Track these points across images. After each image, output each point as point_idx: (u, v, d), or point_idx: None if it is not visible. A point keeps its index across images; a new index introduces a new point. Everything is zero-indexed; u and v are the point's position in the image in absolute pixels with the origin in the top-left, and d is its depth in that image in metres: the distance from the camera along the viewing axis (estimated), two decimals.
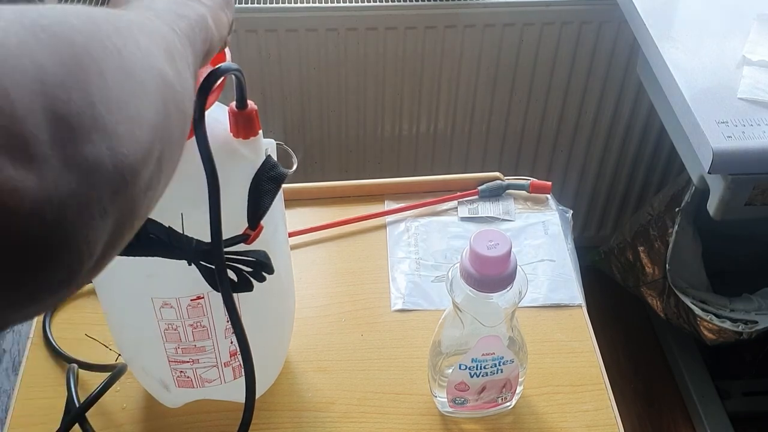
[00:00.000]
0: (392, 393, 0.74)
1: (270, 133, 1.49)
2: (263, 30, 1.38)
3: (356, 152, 1.60)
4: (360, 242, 0.89)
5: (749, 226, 1.52)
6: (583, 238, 1.82)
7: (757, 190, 1.04)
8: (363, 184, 0.94)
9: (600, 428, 0.71)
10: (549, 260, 0.87)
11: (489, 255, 0.60)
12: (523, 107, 1.56)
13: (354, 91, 1.49)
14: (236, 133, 0.58)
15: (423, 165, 1.63)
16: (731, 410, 1.61)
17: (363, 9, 1.38)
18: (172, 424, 0.72)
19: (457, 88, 1.51)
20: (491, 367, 0.67)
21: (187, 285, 0.60)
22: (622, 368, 1.75)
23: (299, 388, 0.75)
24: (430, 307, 0.82)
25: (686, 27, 1.19)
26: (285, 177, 0.59)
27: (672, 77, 1.09)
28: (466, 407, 0.71)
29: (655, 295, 1.54)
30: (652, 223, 1.52)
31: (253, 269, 0.58)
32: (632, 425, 1.65)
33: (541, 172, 1.68)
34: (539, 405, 0.73)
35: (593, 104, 1.56)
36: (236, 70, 0.52)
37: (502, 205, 0.93)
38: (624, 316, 1.84)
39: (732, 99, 1.05)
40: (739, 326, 1.43)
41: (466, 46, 1.44)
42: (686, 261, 1.51)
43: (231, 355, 0.68)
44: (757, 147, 0.98)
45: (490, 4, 1.40)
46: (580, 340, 0.79)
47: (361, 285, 0.84)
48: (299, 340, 0.78)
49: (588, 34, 1.45)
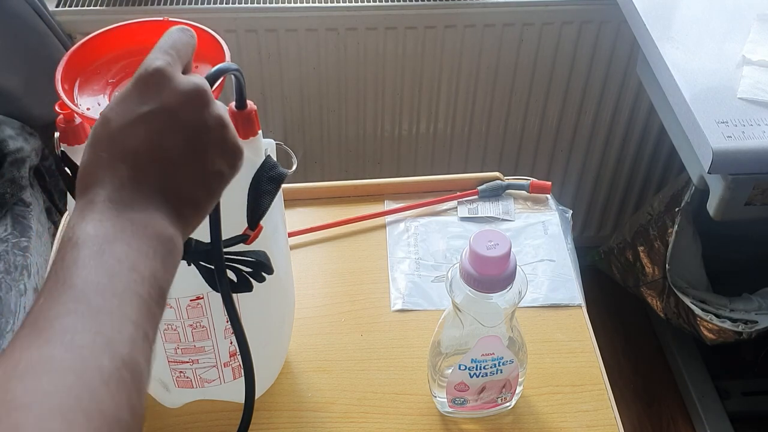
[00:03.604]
0: (392, 393, 0.74)
1: (270, 133, 1.49)
2: (263, 30, 1.38)
3: (356, 152, 1.60)
4: (360, 242, 0.89)
5: (749, 226, 1.52)
6: (583, 238, 1.82)
7: (757, 190, 1.04)
8: (363, 184, 0.94)
9: (600, 428, 0.71)
10: (549, 260, 0.87)
11: (489, 255, 0.60)
12: (523, 107, 1.56)
13: (354, 91, 1.49)
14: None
15: (423, 165, 1.63)
16: (731, 410, 1.61)
17: (363, 9, 1.38)
18: (172, 424, 0.72)
19: (457, 88, 1.51)
20: (491, 368, 0.67)
21: (187, 285, 0.60)
22: (622, 368, 1.75)
23: (299, 388, 0.75)
24: (430, 307, 0.82)
25: (686, 27, 1.19)
26: (285, 177, 0.59)
27: (672, 77, 1.09)
28: (466, 407, 0.71)
29: (655, 295, 1.54)
30: (652, 223, 1.52)
31: (253, 269, 0.58)
32: (632, 425, 1.65)
33: (541, 172, 1.67)
34: (539, 405, 0.73)
35: (593, 104, 1.56)
36: (236, 70, 0.52)
37: (502, 205, 0.93)
38: (624, 316, 1.83)
39: (732, 99, 1.05)
40: (739, 326, 1.42)
41: (466, 46, 1.44)
42: (686, 261, 1.51)
43: (231, 356, 0.68)
44: (757, 147, 0.98)
45: (490, 4, 1.40)
46: (580, 340, 0.79)
47: (360, 285, 0.84)
48: (299, 340, 0.78)
49: (588, 34, 1.45)
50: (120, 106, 0.43)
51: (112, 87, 0.56)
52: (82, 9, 1.33)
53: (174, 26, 0.48)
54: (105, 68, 0.57)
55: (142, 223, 0.41)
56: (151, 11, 1.34)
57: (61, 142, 0.56)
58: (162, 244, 0.41)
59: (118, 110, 0.43)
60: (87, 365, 0.34)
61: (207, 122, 0.44)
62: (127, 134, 0.42)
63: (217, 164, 0.45)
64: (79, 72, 0.56)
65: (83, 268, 0.37)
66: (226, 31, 1.35)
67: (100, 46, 0.57)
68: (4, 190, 0.87)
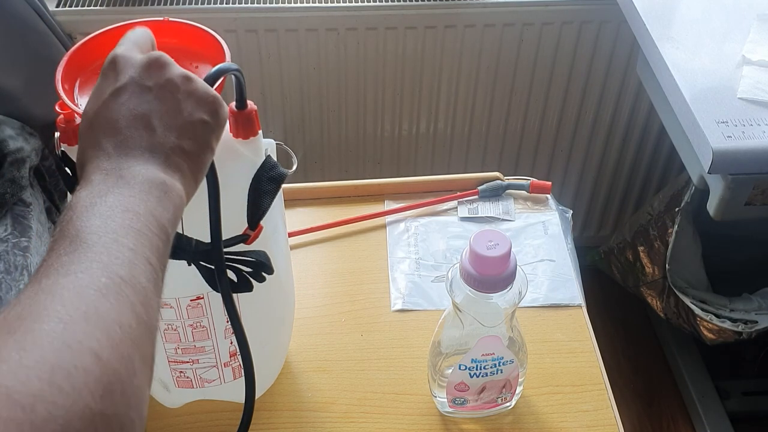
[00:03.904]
0: (392, 393, 0.74)
1: (270, 133, 1.49)
2: (263, 30, 1.38)
3: (356, 152, 1.60)
4: (360, 242, 0.89)
5: (749, 226, 1.52)
6: (583, 238, 1.82)
7: (757, 190, 1.04)
8: (363, 184, 0.94)
9: (600, 428, 0.71)
10: (549, 260, 0.87)
11: (489, 255, 0.60)
12: (523, 107, 1.56)
13: (354, 91, 1.49)
14: (236, 133, 0.58)
15: (423, 165, 1.63)
16: (731, 410, 1.61)
17: (363, 9, 1.38)
18: (172, 424, 0.72)
19: (457, 88, 1.51)
20: (491, 368, 0.66)
21: (187, 285, 0.60)
22: (622, 368, 1.75)
23: (299, 388, 0.75)
24: (430, 307, 0.82)
25: (686, 27, 1.19)
26: (285, 177, 0.59)
27: (672, 77, 1.09)
28: (466, 407, 0.71)
29: (655, 295, 1.54)
30: (652, 223, 1.52)
31: (253, 269, 0.58)
32: (632, 425, 1.65)
33: (541, 172, 1.67)
34: (539, 405, 0.73)
35: (593, 104, 1.56)
36: (236, 70, 0.52)
37: (502, 205, 0.93)
38: (624, 316, 1.84)
39: (732, 99, 1.05)
40: (739, 326, 1.43)
41: (466, 46, 1.44)
42: (686, 261, 1.51)
43: (231, 356, 0.68)
44: (757, 147, 0.98)
45: (490, 4, 1.40)
46: (580, 340, 0.79)
47: (360, 285, 0.84)
48: (299, 340, 0.78)
49: (588, 34, 1.45)
50: (92, 98, 0.47)
51: None
52: (82, 9, 1.33)
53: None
54: None
55: (131, 175, 0.43)
56: (151, 11, 1.34)
57: (61, 142, 0.56)
58: (155, 186, 0.43)
59: (92, 102, 0.47)
60: (83, 284, 0.36)
61: (172, 79, 0.47)
62: (103, 114, 0.45)
63: (196, 114, 0.47)
64: (79, 72, 0.56)
65: (77, 220, 0.40)
66: (226, 31, 1.35)
67: (100, 46, 0.57)
68: (4, 190, 0.87)
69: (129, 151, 0.44)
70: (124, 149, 0.44)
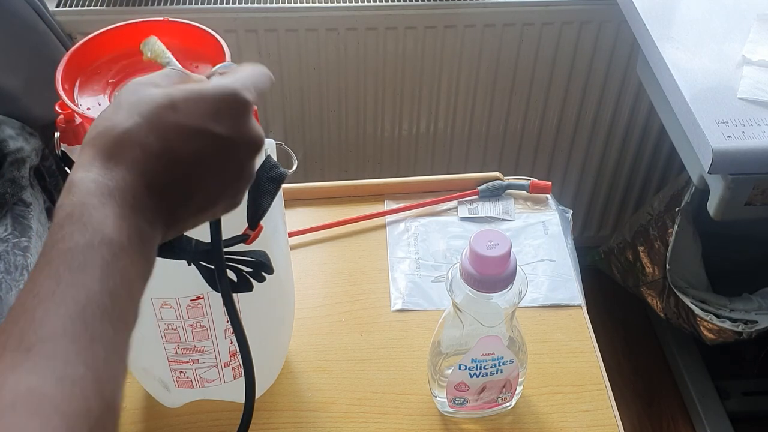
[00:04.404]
0: (392, 393, 0.74)
1: (270, 133, 1.49)
2: (263, 30, 1.38)
3: (356, 152, 1.60)
4: (360, 242, 0.89)
5: (749, 226, 1.52)
6: (583, 238, 1.82)
7: (757, 190, 1.04)
8: (363, 184, 0.94)
9: (600, 428, 0.71)
10: (549, 260, 0.87)
11: (489, 255, 0.60)
12: (523, 107, 1.56)
13: (354, 91, 1.49)
14: None
15: (423, 165, 1.63)
16: (731, 410, 1.61)
17: (363, 9, 1.38)
18: (172, 424, 0.72)
19: (457, 88, 1.51)
20: (491, 368, 0.66)
21: (187, 285, 0.60)
22: (622, 368, 1.75)
23: (299, 388, 0.75)
24: (430, 307, 0.82)
25: (686, 27, 1.19)
26: (285, 177, 0.59)
27: (672, 77, 1.09)
28: (466, 407, 0.71)
29: (655, 295, 1.54)
30: (652, 223, 1.52)
31: (253, 269, 0.58)
32: (632, 425, 1.65)
33: (541, 172, 1.67)
34: (539, 405, 0.73)
35: (593, 104, 1.56)
36: None
37: (502, 205, 0.93)
38: (624, 316, 1.84)
39: (732, 99, 1.05)
40: (739, 326, 1.43)
41: (466, 46, 1.44)
42: (686, 261, 1.51)
43: (231, 356, 0.68)
44: (757, 147, 0.98)
45: (490, 4, 1.40)
46: (580, 340, 0.79)
47: (360, 285, 0.84)
48: (299, 340, 0.78)
49: (588, 34, 1.45)
50: (191, 104, 0.42)
51: (112, 87, 0.56)
52: (82, 9, 1.33)
53: (261, 66, 0.50)
54: (105, 68, 0.57)
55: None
56: (151, 11, 1.34)
57: (61, 142, 0.56)
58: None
59: (188, 107, 0.42)
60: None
61: (245, 170, 0.45)
62: (184, 136, 0.41)
63: (226, 200, 0.46)
64: (80, 72, 0.56)
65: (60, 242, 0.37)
66: (226, 31, 1.35)
67: (100, 46, 0.57)
68: (4, 190, 0.87)
69: (154, 190, 0.41)
70: (155, 186, 0.41)
